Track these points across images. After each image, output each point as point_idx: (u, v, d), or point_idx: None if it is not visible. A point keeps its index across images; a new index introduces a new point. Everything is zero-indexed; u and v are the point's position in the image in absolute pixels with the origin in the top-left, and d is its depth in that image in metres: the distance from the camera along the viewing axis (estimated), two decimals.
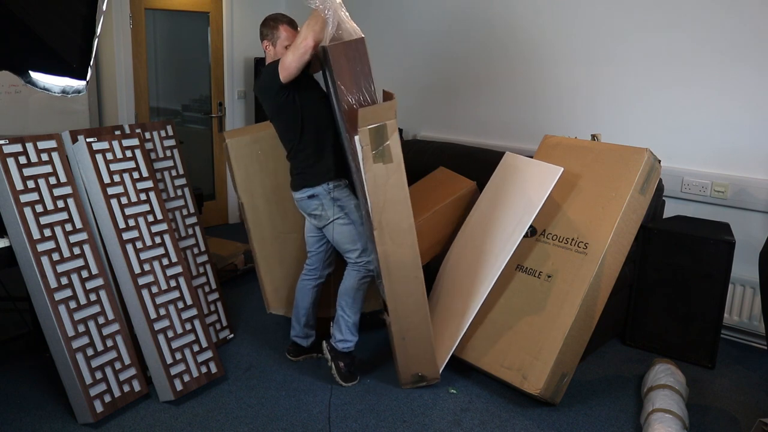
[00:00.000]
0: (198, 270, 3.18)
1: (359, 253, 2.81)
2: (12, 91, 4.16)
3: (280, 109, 2.73)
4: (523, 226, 2.84)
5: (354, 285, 2.82)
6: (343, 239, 2.81)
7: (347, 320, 2.84)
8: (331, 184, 2.77)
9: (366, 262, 2.81)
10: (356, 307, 2.85)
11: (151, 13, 4.89)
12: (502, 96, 4.15)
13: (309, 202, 2.80)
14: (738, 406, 2.82)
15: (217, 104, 5.34)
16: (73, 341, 2.50)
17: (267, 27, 2.78)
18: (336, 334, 2.86)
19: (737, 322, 3.38)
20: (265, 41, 2.79)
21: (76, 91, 2.81)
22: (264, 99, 2.77)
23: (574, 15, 3.79)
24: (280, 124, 2.81)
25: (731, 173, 3.33)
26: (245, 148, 3.15)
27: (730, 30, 3.24)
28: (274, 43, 2.77)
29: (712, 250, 3.07)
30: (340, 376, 2.87)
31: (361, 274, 2.82)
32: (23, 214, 2.45)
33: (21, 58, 2.71)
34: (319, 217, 2.82)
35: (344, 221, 2.79)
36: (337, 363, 2.86)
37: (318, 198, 2.78)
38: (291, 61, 2.56)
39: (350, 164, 2.74)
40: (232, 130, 3.22)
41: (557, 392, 2.71)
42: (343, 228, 2.80)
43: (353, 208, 2.79)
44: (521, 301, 2.88)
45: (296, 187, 2.83)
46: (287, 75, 2.59)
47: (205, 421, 2.59)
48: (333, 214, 2.78)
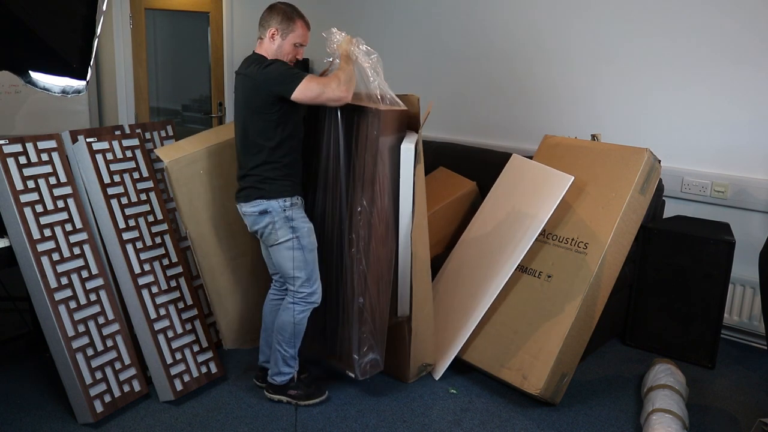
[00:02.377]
0: (198, 270, 3.17)
1: (302, 282, 2.55)
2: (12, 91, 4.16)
3: (269, 110, 2.44)
4: (532, 234, 2.83)
5: (291, 320, 2.57)
6: (287, 264, 2.53)
7: (284, 354, 2.63)
8: (288, 201, 2.50)
9: (307, 294, 2.56)
10: (295, 341, 2.62)
11: (151, 13, 4.89)
12: (502, 96, 4.15)
13: (258, 218, 2.51)
14: (738, 406, 2.82)
15: (217, 104, 5.34)
16: (73, 341, 2.50)
17: (282, 15, 2.49)
18: (272, 368, 2.68)
19: (737, 322, 3.38)
20: (272, 29, 2.48)
21: (76, 91, 2.81)
22: (257, 91, 2.45)
23: (574, 15, 3.79)
24: (259, 122, 2.47)
25: (731, 173, 3.33)
26: (186, 169, 2.71)
27: (730, 30, 3.24)
28: (284, 36, 2.49)
29: (712, 250, 3.07)
30: (299, 399, 2.69)
31: (300, 307, 2.57)
32: (23, 214, 2.45)
33: (21, 58, 2.71)
34: (266, 236, 2.55)
35: (293, 245, 2.51)
36: (286, 394, 2.70)
37: (270, 215, 2.49)
38: (317, 97, 2.39)
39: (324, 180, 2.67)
40: (166, 148, 2.77)
41: (557, 392, 2.71)
42: (288, 252, 2.52)
43: (306, 232, 2.54)
44: (521, 301, 2.88)
45: (247, 198, 2.51)
46: (302, 100, 2.40)
47: (205, 421, 2.59)
48: (282, 236, 2.51)
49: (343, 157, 2.61)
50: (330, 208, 2.70)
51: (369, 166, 2.54)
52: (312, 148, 2.74)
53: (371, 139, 2.52)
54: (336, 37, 2.59)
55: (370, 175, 2.54)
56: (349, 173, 2.62)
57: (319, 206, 2.72)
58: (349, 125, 2.60)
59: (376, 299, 2.63)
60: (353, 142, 2.60)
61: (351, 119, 2.60)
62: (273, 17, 2.49)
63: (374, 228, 2.56)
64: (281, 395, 2.71)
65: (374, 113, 2.50)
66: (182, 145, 2.79)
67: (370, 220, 2.55)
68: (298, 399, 2.69)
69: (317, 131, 2.72)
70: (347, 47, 2.54)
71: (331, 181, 2.66)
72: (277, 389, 2.71)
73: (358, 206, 2.57)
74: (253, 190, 2.50)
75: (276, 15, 2.49)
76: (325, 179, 2.70)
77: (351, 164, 2.61)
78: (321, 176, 2.72)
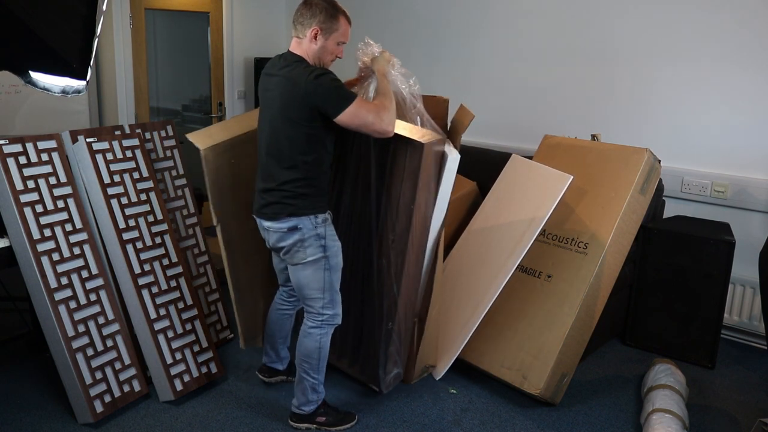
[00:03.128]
0: (198, 270, 3.17)
1: (323, 305, 2.38)
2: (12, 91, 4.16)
3: (308, 123, 2.22)
4: (532, 234, 2.83)
5: (317, 345, 2.41)
6: (312, 285, 2.35)
7: (313, 382, 2.47)
8: (320, 218, 2.31)
9: (330, 316, 2.40)
10: (321, 366, 2.46)
11: (151, 13, 4.88)
12: (501, 96, 4.15)
13: (286, 235, 2.30)
14: (738, 406, 2.82)
15: (217, 104, 5.34)
16: (73, 341, 2.50)
17: (324, 13, 2.24)
18: (299, 398, 2.51)
19: (737, 322, 3.38)
20: (314, 28, 2.24)
21: (76, 91, 2.81)
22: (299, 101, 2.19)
23: (574, 15, 3.79)
24: (295, 133, 2.23)
25: (731, 173, 3.33)
26: (220, 158, 2.65)
27: (730, 30, 3.24)
28: (327, 35, 2.26)
29: (712, 250, 3.07)
30: (329, 426, 2.53)
31: (323, 330, 2.40)
32: (23, 214, 2.45)
33: (21, 58, 2.71)
34: (292, 254, 2.35)
35: (320, 265, 2.33)
36: (314, 421, 2.53)
37: (300, 232, 2.28)
38: (365, 126, 2.20)
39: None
40: (199, 133, 2.67)
41: (557, 392, 2.71)
42: (314, 272, 2.33)
43: (335, 251, 2.36)
44: (521, 301, 2.88)
45: (275, 214, 2.30)
46: (347, 125, 2.20)
47: (205, 421, 2.59)
48: (311, 254, 2.32)
49: (375, 183, 2.51)
50: (356, 231, 2.65)
51: (406, 196, 2.44)
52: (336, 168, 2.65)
53: (410, 170, 2.41)
54: (373, 50, 2.44)
55: (406, 206, 2.45)
56: (381, 200, 2.52)
57: (342, 227, 2.65)
58: (383, 151, 2.51)
59: (403, 321, 2.62)
60: (387, 169, 2.51)
61: (386, 146, 2.48)
62: (314, 15, 2.24)
63: (407, 255, 2.50)
64: (309, 423, 2.53)
65: (416, 145, 2.38)
66: (212, 132, 2.71)
67: (404, 248, 2.48)
68: (327, 426, 2.52)
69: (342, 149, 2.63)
70: (384, 67, 2.39)
71: (359, 206, 2.62)
72: (303, 418, 2.53)
73: (390, 234, 2.52)
74: (283, 206, 2.29)
75: (318, 12, 2.24)
76: (350, 202, 2.65)
77: (384, 191, 2.52)
78: (346, 199, 2.67)
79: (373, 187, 2.55)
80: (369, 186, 2.55)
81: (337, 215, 2.71)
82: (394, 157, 2.51)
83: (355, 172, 2.64)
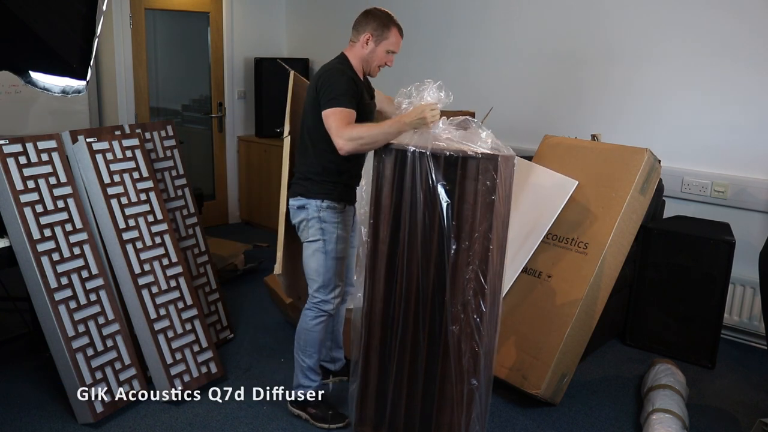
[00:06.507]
0: (198, 270, 3.17)
1: (317, 287, 2.51)
2: (12, 91, 4.16)
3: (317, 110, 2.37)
4: (536, 238, 2.81)
5: (306, 326, 2.54)
6: (310, 265, 2.52)
7: (302, 365, 2.58)
8: (326, 203, 2.45)
9: (320, 301, 2.51)
10: (310, 350, 2.56)
11: (151, 13, 4.89)
12: (501, 96, 4.15)
13: (297, 212, 2.51)
14: (738, 406, 2.82)
15: (217, 104, 5.34)
16: (73, 341, 2.50)
17: (377, 22, 2.43)
18: (294, 379, 2.63)
19: (737, 322, 3.38)
20: (367, 34, 2.42)
21: (76, 91, 2.80)
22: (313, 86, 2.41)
23: (574, 15, 3.79)
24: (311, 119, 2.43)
25: (731, 173, 3.33)
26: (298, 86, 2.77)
27: (730, 30, 3.24)
28: (378, 42, 2.43)
29: (712, 250, 3.07)
30: (316, 420, 2.59)
31: (312, 313, 2.53)
32: (23, 214, 2.45)
33: (21, 58, 2.70)
34: (300, 232, 2.55)
35: (317, 247, 2.48)
36: (305, 410, 2.61)
37: (306, 211, 2.48)
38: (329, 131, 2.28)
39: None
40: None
41: (557, 392, 2.71)
42: (312, 253, 2.50)
43: (335, 239, 2.48)
44: (521, 301, 2.87)
45: (293, 194, 2.54)
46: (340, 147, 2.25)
47: (205, 421, 2.59)
48: (311, 235, 2.48)
49: (446, 215, 2.12)
50: (412, 268, 2.20)
51: (482, 220, 2.10)
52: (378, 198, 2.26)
53: (484, 191, 2.09)
54: (427, 96, 2.26)
55: (484, 233, 2.10)
56: (449, 233, 2.13)
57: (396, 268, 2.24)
58: (449, 174, 2.13)
59: (487, 376, 2.23)
60: (455, 196, 2.12)
61: (452, 168, 2.13)
62: (369, 23, 2.44)
63: (486, 294, 2.13)
64: (301, 410, 2.62)
65: (487, 158, 2.09)
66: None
67: (483, 288, 2.12)
68: (314, 419, 2.59)
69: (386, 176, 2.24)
70: (418, 115, 2.19)
71: (418, 244, 2.17)
72: (298, 404, 2.63)
73: (466, 273, 2.12)
74: (297, 186, 2.52)
75: (372, 20, 2.44)
76: (406, 240, 2.21)
77: (452, 222, 2.12)
78: (400, 238, 2.22)
79: (439, 219, 2.16)
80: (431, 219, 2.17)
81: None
82: (464, 181, 2.14)
83: (410, 208, 2.21)
